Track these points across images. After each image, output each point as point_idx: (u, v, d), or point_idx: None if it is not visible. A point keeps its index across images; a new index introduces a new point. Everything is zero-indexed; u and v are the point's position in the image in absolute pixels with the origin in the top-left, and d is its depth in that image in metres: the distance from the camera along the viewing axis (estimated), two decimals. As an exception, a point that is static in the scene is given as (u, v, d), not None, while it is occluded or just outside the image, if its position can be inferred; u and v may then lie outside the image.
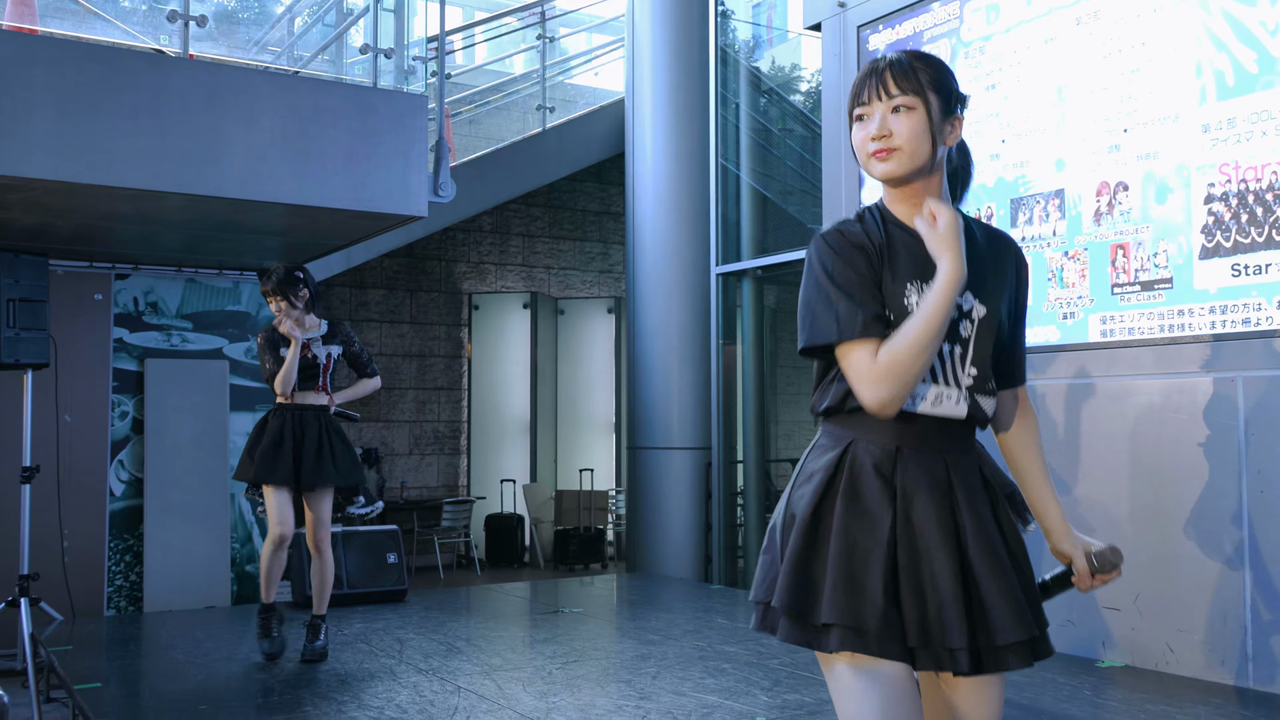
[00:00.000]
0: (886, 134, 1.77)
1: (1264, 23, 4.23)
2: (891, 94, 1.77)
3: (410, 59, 6.43)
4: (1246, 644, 4.16)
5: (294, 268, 4.82)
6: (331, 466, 4.73)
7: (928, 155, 1.78)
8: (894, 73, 1.78)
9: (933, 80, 1.79)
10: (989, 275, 1.82)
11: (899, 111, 1.77)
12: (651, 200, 8.20)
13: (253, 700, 4.16)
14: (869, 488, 1.73)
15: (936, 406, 1.76)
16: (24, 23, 5.34)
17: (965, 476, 1.78)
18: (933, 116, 1.77)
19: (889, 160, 1.77)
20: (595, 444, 10.35)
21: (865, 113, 1.80)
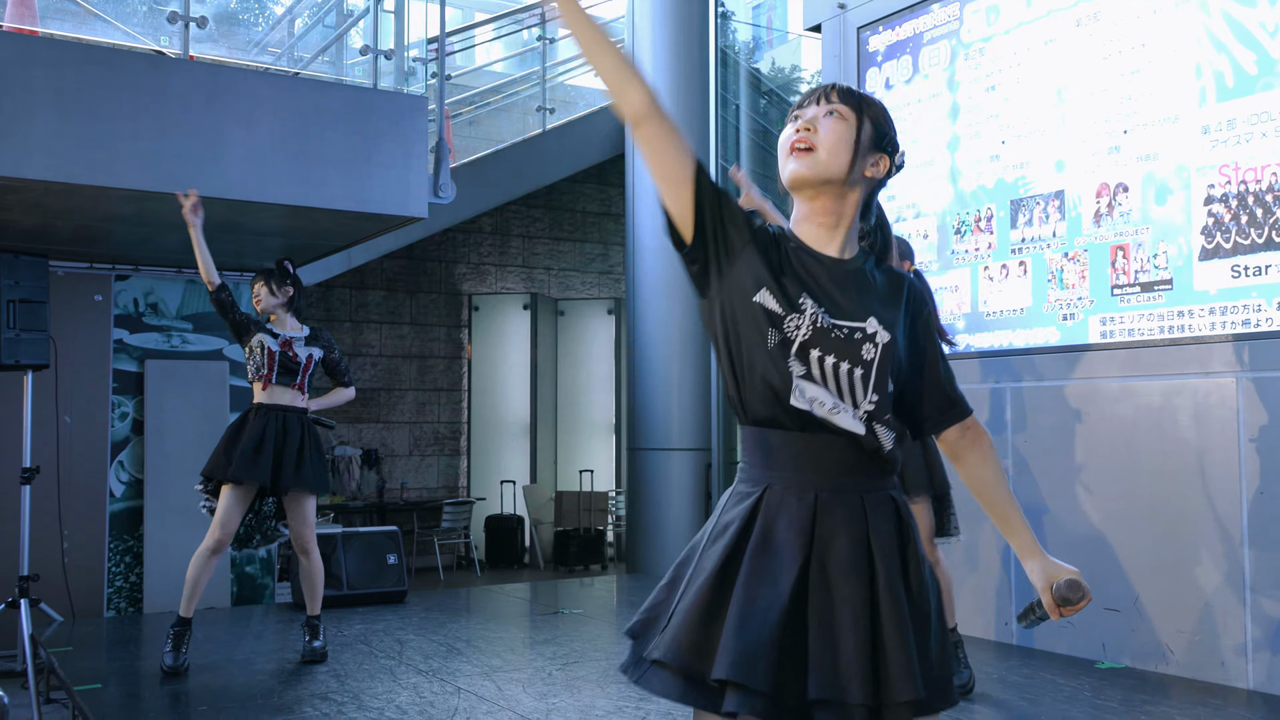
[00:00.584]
0: (811, 129, 1.77)
1: (1264, 24, 4.23)
2: (831, 100, 1.79)
3: (410, 60, 6.43)
4: (1246, 645, 4.16)
5: (288, 261, 4.83)
6: (309, 470, 4.65)
7: (842, 169, 1.76)
8: (839, 89, 1.81)
9: (874, 112, 1.81)
10: (884, 309, 1.78)
11: (831, 115, 1.78)
12: (651, 201, 8.20)
13: (252, 701, 4.16)
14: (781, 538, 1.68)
15: (834, 415, 1.70)
16: (24, 24, 5.34)
17: (880, 519, 1.72)
18: (860, 136, 1.78)
19: (802, 159, 1.76)
20: (595, 445, 10.35)
21: (800, 114, 1.81)
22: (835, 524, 1.69)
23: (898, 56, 5.83)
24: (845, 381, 1.71)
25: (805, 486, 1.71)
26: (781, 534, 1.68)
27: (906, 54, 5.78)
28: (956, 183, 5.47)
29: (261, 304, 4.72)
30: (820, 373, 1.71)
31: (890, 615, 1.66)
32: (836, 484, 1.71)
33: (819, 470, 1.71)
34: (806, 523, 1.68)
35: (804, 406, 1.70)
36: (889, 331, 1.75)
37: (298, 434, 4.66)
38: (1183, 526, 4.37)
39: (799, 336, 1.70)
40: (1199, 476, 4.34)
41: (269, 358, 4.66)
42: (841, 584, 1.66)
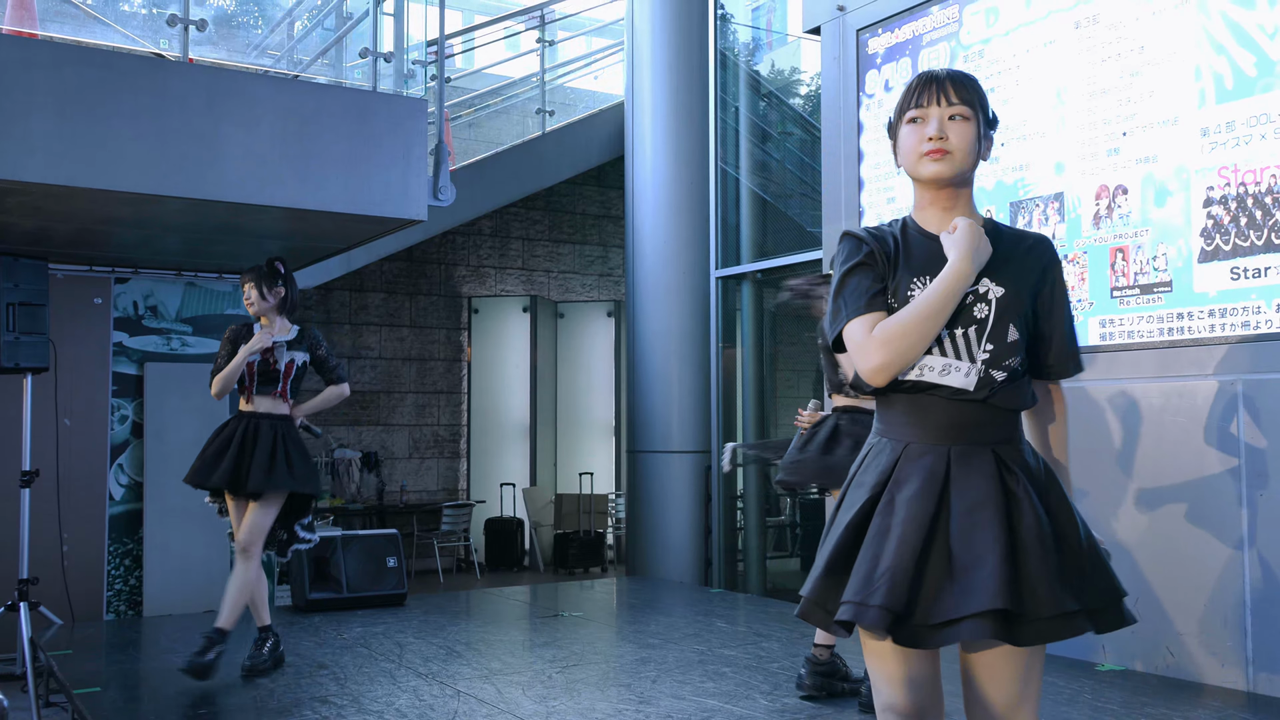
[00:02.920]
0: (944, 136, 1.91)
1: (1262, 26, 4.23)
2: (952, 101, 1.92)
3: (410, 63, 6.43)
4: (1247, 647, 4.15)
5: (279, 261, 4.71)
6: (286, 472, 4.50)
7: (972, 165, 1.95)
8: (953, 82, 1.93)
9: (980, 99, 1.96)
10: (1008, 264, 1.94)
11: (955, 119, 1.92)
12: (651, 203, 8.21)
13: (252, 704, 4.15)
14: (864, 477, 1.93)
15: (944, 376, 1.88)
16: (24, 27, 5.34)
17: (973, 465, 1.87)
18: (980, 129, 1.95)
19: (941, 161, 1.92)
20: (595, 447, 10.35)
21: (921, 115, 1.94)
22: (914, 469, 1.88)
23: (897, 59, 5.83)
24: (961, 342, 1.89)
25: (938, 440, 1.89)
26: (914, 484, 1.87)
27: (906, 56, 5.78)
28: (956, 185, 5.47)
29: (254, 308, 4.65)
30: (940, 345, 1.88)
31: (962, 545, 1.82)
32: (967, 436, 1.89)
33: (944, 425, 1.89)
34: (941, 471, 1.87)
35: (911, 377, 1.89)
36: (1003, 286, 1.91)
37: (269, 438, 4.53)
38: (1183, 529, 4.37)
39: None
40: (1199, 478, 4.34)
41: (248, 369, 4.61)
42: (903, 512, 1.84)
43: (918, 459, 1.88)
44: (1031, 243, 2.00)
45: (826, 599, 1.87)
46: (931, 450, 1.88)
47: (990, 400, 1.89)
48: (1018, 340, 1.90)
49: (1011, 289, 1.91)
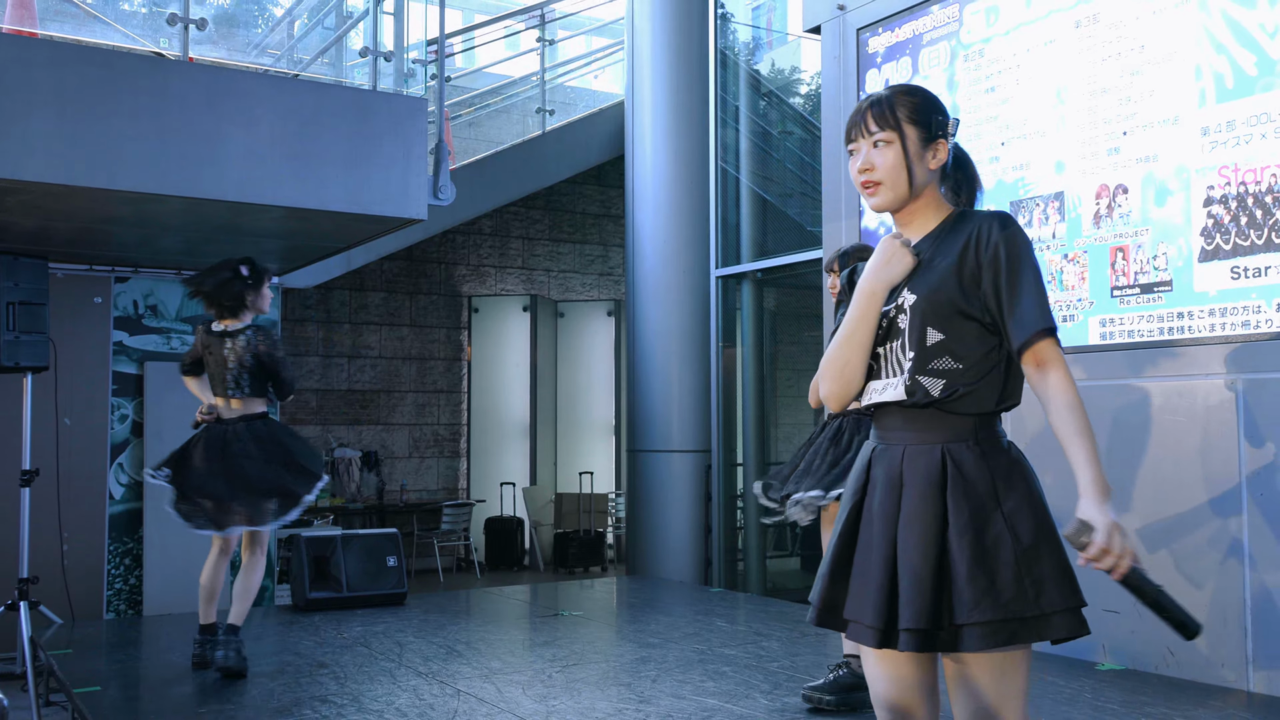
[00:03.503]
0: (869, 168, 2.00)
1: (1263, 25, 4.23)
2: (871, 131, 2.00)
3: (410, 62, 6.43)
4: (1247, 647, 4.15)
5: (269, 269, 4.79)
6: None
7: (906, 184, 1.99)
8: (873, 112, 2.01)
9: (910, 114, 2.00)
10: (933, 262, 1.97)
11: (878, 146, 1.99)
12: (651, 203, 8.20)
13: (252, 703, 4.15)
14: (851, 482, 2.04)
15: (884, 395, 1.98)
16: (24, 26, 5.34)
17: (919, 475, 1.92)
18: (909, 149, 1.98)
19: (875, 195, 2.01)
20: (595, 447, 10.35)
21: (854, 149, 2.04)
22: (878, 472, 1.97)
23: (897, 58, 5.83)
24: (892, 357, 1.98)
25: (895, 442, 1.97)
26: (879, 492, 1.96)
27: (906, 55, 5.78)
28: (956, 184, 5.47)
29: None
30: (881, 364, 2.00)
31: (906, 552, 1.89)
32: (919, 438, 1.94)
33: (899, 429, 1.97)
34: (865, 470, 2.00)
35: (866, 402, 2.02)
36: (915, 291, 1.96)
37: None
38: (1183, 528, 4.36)
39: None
40: (1199, 478, 4.34)
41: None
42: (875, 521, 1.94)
43: (880, 464, 1.98)
44: (980, 224, 1.97)
45: (833, 604, 2.00)
46: (889, 453, 1.97)
47: (939, 405, 1.93)
48: (942, 340, 1.92)
49: (925, 290, 1.94)
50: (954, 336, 1.92)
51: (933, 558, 1.87)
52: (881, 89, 2.07)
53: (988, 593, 1.83)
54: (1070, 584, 1.89)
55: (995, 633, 1.83)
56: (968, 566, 1.84)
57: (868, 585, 1.92)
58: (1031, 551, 1.88)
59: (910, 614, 1.85)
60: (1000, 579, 1.84)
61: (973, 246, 1.95)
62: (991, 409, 1.96)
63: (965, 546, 1.85)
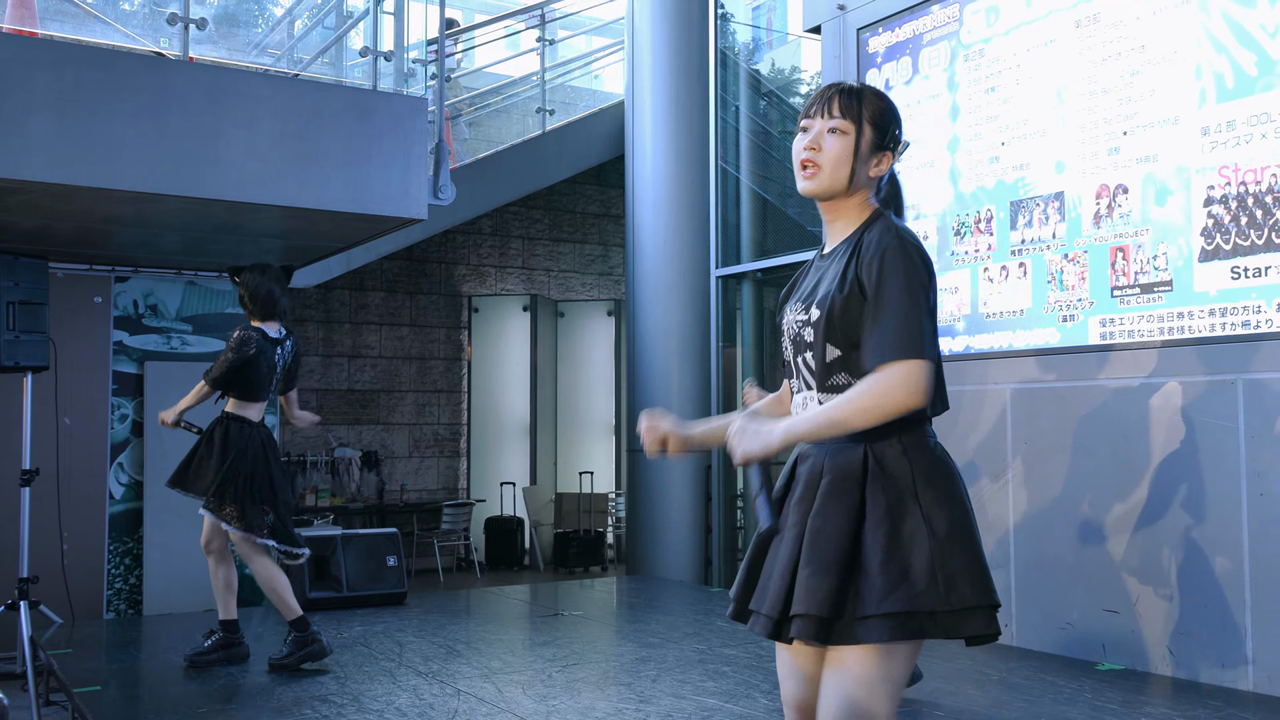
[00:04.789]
0: (816, 148, 1.97)
1: (1263, 25, 4.23)
2: (832, 114, 1.97)
3: (410, 61, 6.43)
4: (1247, 647, 4.15)
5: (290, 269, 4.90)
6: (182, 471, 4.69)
7: (844, 179, 1.97)
8: (841, 98, 1.98)
9: (874, 115, 1.98)
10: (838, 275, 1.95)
11: (834, 133, 1.97)
12: (651, 203, 8.20)
13: (252, 703, 4.16)
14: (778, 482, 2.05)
15: (804, 408, 1.99)
16: (24, 25, 5.34)
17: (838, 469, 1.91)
18: (860, 146, 1.96)
19: (810, 178, 1.98)
20: (595, 446, 10.34)
21: (807, 125, 2.01)
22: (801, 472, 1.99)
23: (897, 58, 5.83)
24: (804, 370, 1.99)
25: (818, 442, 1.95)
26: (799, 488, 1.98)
27: (906, 55, 5.78)
28: (956, 184, 5.47)
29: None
30: (797, 375, 2.02)
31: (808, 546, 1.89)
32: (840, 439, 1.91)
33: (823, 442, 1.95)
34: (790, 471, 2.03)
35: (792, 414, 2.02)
36: (820, 307, 1.95)
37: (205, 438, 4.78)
38: (1183, 528, 4.37)
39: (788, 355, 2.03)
40: (1199, 478, 4.34)
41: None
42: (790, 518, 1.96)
43: (805, 463, 1.99)
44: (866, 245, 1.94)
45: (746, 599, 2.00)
46: (814, 451, 1.97)
47: None
48: (840, 356, 1.92)
49: (829, 309, 1.93)
50: (849, 353, 1.91)
51: (843, 548, 1.84)
52: (854, 82, 2.05)
53: (899, 584, 1.80)
54: (985, 583, 1.86)
55: (903, 625, 1.79)
56: (881, 557, 1.81)
57: (771, 575, 1.91)
58: (947, 546, 1.84)
59: (812, 601, 1.81)
60: (914, 572, 1.81)
61: (855, 260, 1.93)
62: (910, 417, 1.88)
63: (880, 538, 1.83)
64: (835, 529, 1.86)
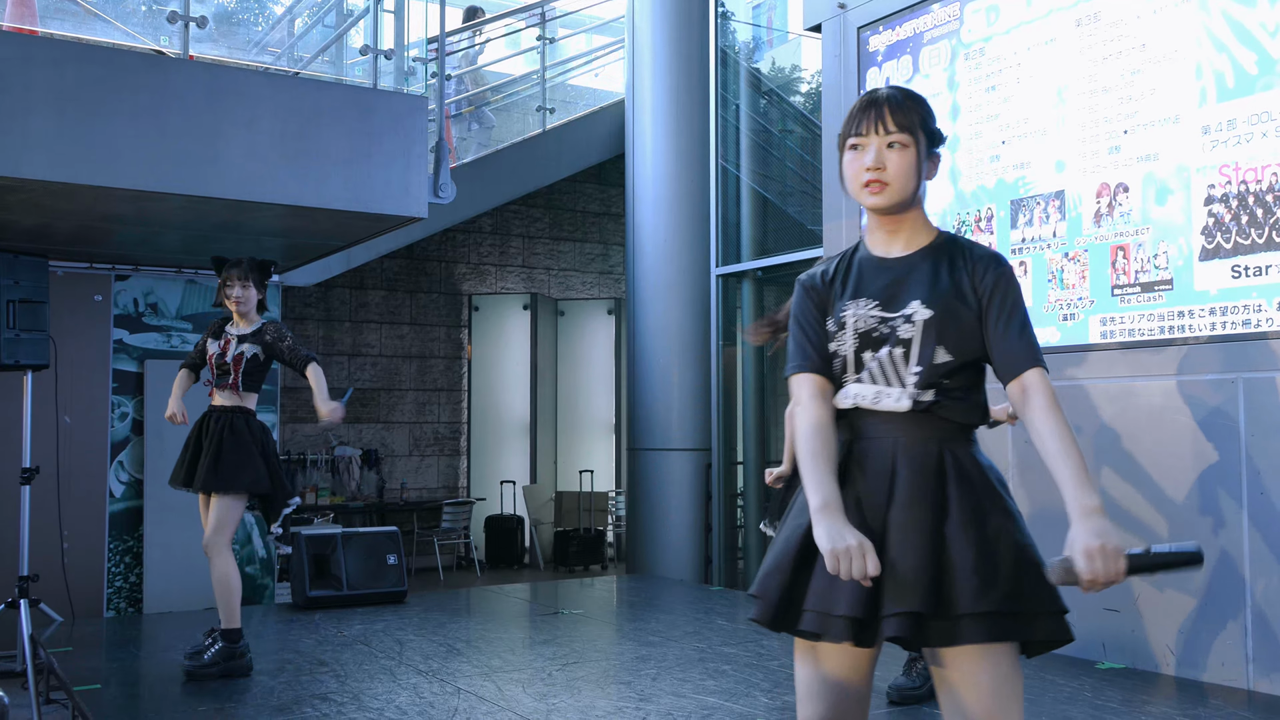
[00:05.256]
0: (881, 167, 1.92)
1: (1264, 24, 4.23)
2: (889, 129, 1.92)
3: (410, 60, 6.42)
4: (1247, 645, 4.15)
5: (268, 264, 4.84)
6: (222, 471, 4.51)
7: (912, 191, 1.95)
8: (892, 109, 1.93)
9: (923, 120, 1.95)
10: (946, 285, 1.95)
11: (894, 147, 1.93)
12: (651, 201, 8.20)
13: (252, 701, 4.16)
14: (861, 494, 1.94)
15: (877, 404, 1.93)
16: (24, 24, 5.34)
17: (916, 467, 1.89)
18: (920, 155, 1.94)
19: (880, 194, 1.93)
20: (595, 445, 10.34)
21: (861, 144, 1.95)
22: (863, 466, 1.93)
23: (898, 56, 5.83)
24: (888, 366, 1.93)
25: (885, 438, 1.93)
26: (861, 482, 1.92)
27: (907, 54, 5.78)
28: (957, 183, 5.47)
29: (243, 304, 4.70)
30: (869, 371, 1.94)
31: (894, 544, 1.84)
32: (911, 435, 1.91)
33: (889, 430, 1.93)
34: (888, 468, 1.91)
35: (847, 406, 1.96)
36: (931, 308, 1.92)
37: (217, 434, 4.57)
38: (1182, 527, 4.36)
39: (848, 350, 1.96)
40: (1199, 477, 4.34)
41: (209, 363, 4.72)
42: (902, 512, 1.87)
43: (865, 458, 1.93)
44: (977, 259, 1.97)
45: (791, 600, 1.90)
46: (875, 446, 1.93)
47: (932, 412, 1.92)
48: (949, 361, 1.91)
49: (941, 311, 1.92)
50: (960, 357, 1.92)
51: (935, 545, 1.82)
52: (888, 88, 2.00)
53: (991, 584, 1.79)
54: (1054, 589, 1.85)
55: (996, 624, 1.79)
56: (974, 557, 1.80)
57: (836, 578, 1.80)
58: (1027, 549, 1.86)
59: (914, 597, 1.78)
60: (1002, 572, 1.81)
61: (972, 278, 1.95)
62: (976, 423, 1.97)
63: (970, 537, 1.82)
64: (922, 525, 1.84)
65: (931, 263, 1.97)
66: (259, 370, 4.70)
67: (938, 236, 2.02)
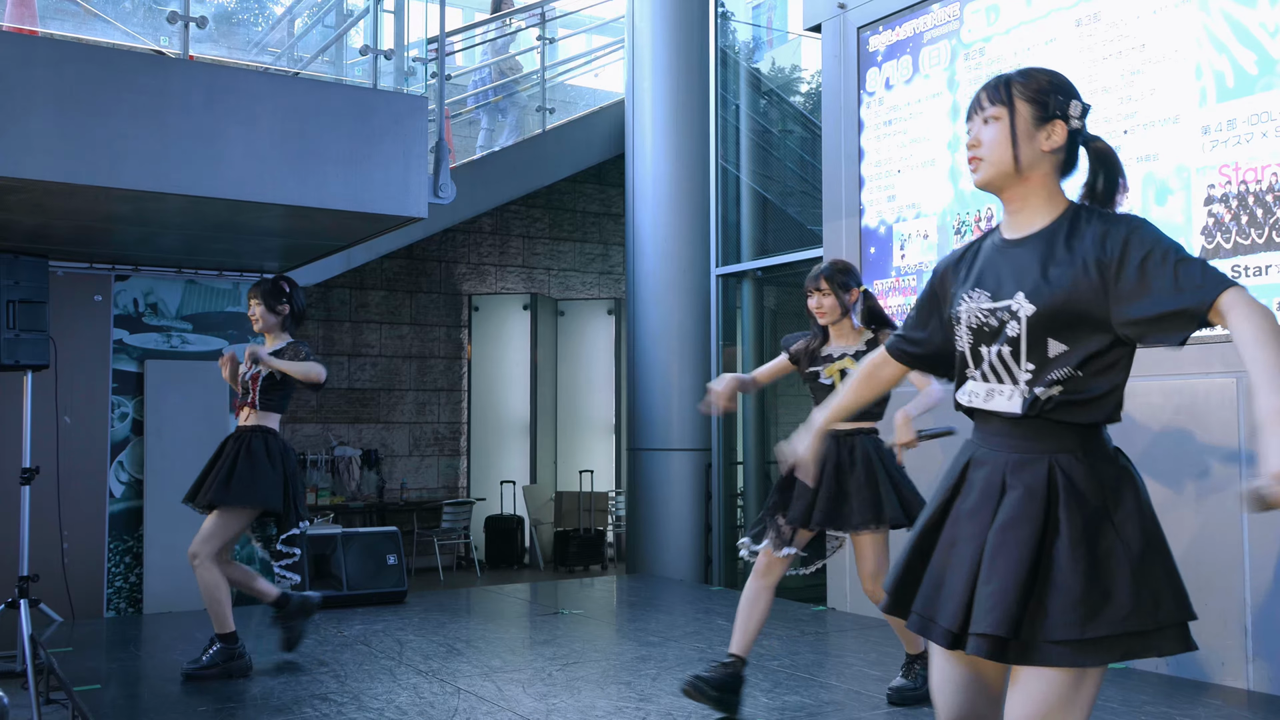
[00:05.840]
0: (975, 143, 1.96)
1: (1264, 24, 4.23)
2: (982, 107, 1.96)
3: (410, 60, 6.42)
4: (1247, 646, 4.15)
5: (284, 279, 4.82)
6: (222, 487, 4.51)
7: (1008, 160, 1.92)
8: (987, 89, 1.97)
9: (1026, 91, 1.93)
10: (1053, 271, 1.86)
11: (986, 123, 1.95)
12: (651, 201, 8.20)
13: (252, 702, 4.16)
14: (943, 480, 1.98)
15: (989, 402, 1.92)
16: (24, 24, 5.34)
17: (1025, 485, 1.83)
18: (1017, 125, 1.91)
19: (976, 170, 1.96)
20: (595, 445, 10.34)
21: (968, 128, 2.00)
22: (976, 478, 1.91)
23: (898, 56, 5.83)
24: (998, 364, 1.90)
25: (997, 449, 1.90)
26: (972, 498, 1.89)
27: (907, 54, 5.78)
28: (957, 182, 5.47)
29: (259, 324, 4.74)
30: (983, 367, 1.93)
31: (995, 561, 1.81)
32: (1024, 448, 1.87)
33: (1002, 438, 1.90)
34: (959, 473, 1.94)
35: (964, 403, 1.97)
36: (1035, 300, 1.85)
37: (233, 451, 4.58)
38: (1183, 528, 4.36)
39: (964, 345, 1.96)
40: (1199, 476, 4.34)
41: (233, 383, 4.80)
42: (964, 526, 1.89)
43: (980, 469, 1.91)
44: (1101, 224, 1.91)
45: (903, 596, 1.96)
46: (991, 460, 1.90)
47: (1050, 416, 1.85)
48: (1066, 351, 1.84)
49: (1047, 301, 1.84)
50: (1078, 347, 1.84)
51: (1028, 568, 1.78)
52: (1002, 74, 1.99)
53: (1101, 608, 1.75)
54: (1182, 597, 1.84)
55: (1104, 648, 1.75)
56: (1081, 581, 1.75)
57: (947, 585, 1.86)
58: (1144, 563, 1.81)
59: (992, 620, 1.76)
60: (1116, 594, 1.76)
61: (1097, 247, 1.86)
62: (1103, 420, 1.90)
63: (1079, 560, 1.77)
64: (1021, 548, 1.79)
65: (1046, 245, 1.90)
66: (275, 389, 4.68)
67: (1063, 211, 1.95)
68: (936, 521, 1.93)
